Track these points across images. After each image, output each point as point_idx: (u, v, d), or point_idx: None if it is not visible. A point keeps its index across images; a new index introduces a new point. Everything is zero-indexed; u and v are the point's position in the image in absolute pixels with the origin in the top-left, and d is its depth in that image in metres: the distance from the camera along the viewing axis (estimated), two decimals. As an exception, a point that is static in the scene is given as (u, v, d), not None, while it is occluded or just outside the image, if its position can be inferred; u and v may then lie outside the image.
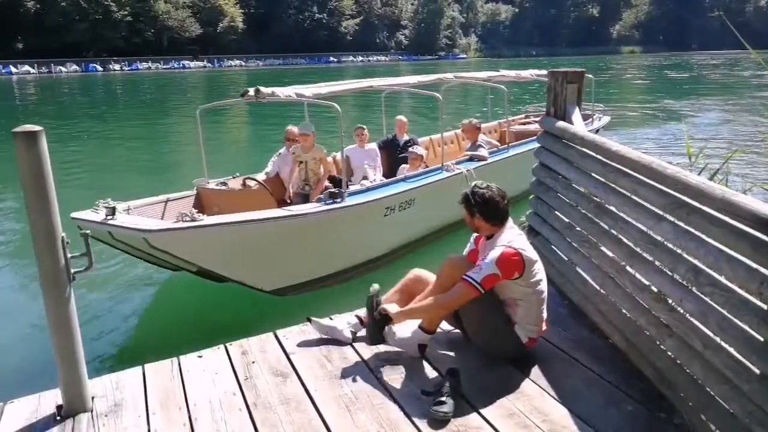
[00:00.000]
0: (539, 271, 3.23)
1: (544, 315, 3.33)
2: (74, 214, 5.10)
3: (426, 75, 8.58)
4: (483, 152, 8.15)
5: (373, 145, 8.23)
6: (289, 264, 5.78)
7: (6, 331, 5.54)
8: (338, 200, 5.94)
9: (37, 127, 2.63)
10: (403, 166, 7.72)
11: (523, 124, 11.88)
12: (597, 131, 9.90)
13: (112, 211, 5.06)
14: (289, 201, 6.91)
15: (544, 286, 3.27)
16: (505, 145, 8.99)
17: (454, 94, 25.46)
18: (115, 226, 4.94)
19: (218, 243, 5.21)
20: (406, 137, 8.46)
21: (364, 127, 8.16)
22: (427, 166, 7.68)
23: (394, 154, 8.32)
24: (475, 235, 3.50)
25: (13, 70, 57.52)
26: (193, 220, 5.06)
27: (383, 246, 6.78)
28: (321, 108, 6.88)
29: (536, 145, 8.53)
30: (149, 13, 70.14)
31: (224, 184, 6.72)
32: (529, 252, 3.20)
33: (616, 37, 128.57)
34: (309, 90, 6.38)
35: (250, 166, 8.24)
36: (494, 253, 3.11)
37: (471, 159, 8.03)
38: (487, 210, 3.24)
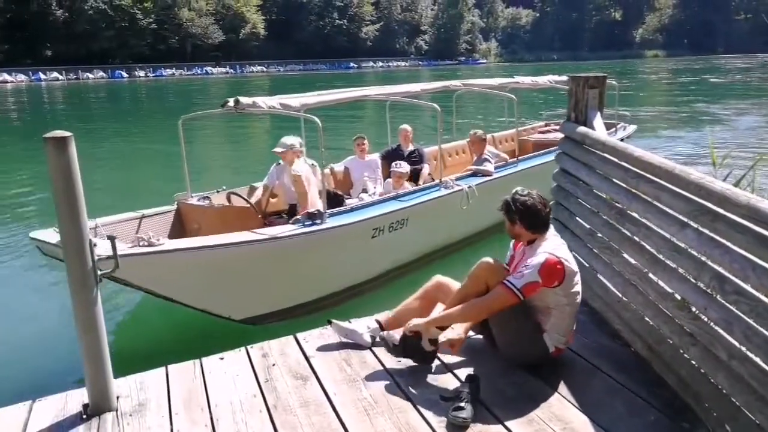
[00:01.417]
0: (577, 284, 3.20)
1: (573, 327, 3.32)
2: (33, 234, 4.98)
3: (430, 83, 8.19)
4: (488, 167, 7.69)
5: (374, 156, 7.89)
6: (261, 291, 5.37)
7: (35, 331, 5.65)
8: (318, 222, 5.51)
9: (66, 133, 2.69)
10: (388, 180, 7.34)
11: (543, 132, 11.47)
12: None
13: None
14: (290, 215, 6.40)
15: (579, 297, 3.25)
16: (514, 159, 8.44)
17: (471, 100, 25.18)
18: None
19: (178, 270, 4.79)
20: (411, 147, 8.05)
21: (364, 137, 7.79)
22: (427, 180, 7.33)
23: None
24: (513, 240, 3.48)
25: (42, 76, 58.63)
26: (150, 245, 4.69)
27: (372, 270, 6.27)
28: (332, 114, 6.82)
29: (549, 158, 8.23)
30: (173, 21, 71.08)
31: (207, 198, 6.31)
32: (572, 263, 3.18)
33: (639, 41, 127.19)
34: (297, 100, 5.93)
35: (247, 177, 7.64)
36: (537, 260, 3.07)
37: (475, 174, 7.58)
38: (528, 217, 3.20)
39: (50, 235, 4.83)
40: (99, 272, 2.84)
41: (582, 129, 4.12)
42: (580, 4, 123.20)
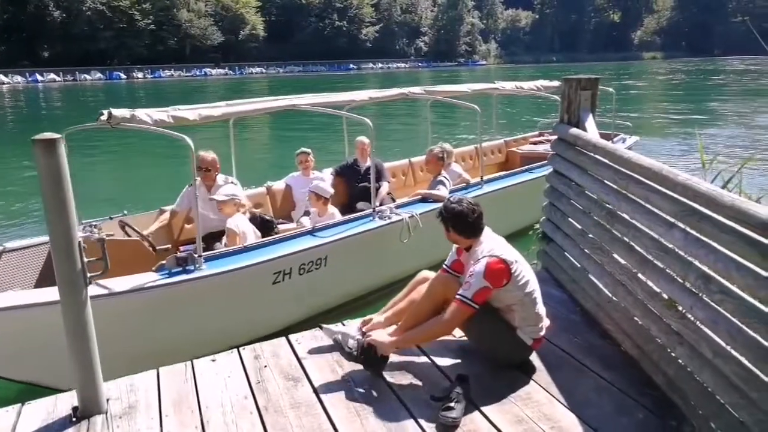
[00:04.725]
0: (525, 272, 3.23)
1: (542, 311, 3.32)
2: None
3: (383, 90, 7.22)
4: (442, 191, 6.43)
5: (321, 173, 7.02)
6: (112, 356, 3.66)
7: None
8: (190, 268, 4.46)
9: (55, 135, 2.70)
10: (314, 209, 5.98)
11: (536, 142, 10.38)
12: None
13: None
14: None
15: (533, 284, 3.26)
16: (478, 178, 7.11)
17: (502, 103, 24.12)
18: None
19: None
20: (368, 162, 6.77)
21: (309, 151, 6.86)
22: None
23: (352, 183, 6.91)
24: (456, 246, 3.49)
25: (39, 78, 58.62)
26: None
27: (276, 320, 5.11)
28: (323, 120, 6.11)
29: (524, 178, 7.38)
30: (172, 22, 71.02)
31: (94, 228, 5.14)
32: (510, 254, 3.21)
33: (638, 42, 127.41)
34: (194, 112, 4.94)
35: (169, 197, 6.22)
36: (480, 267, 3.12)
37: (424, 199, 6.38)
38: (458, 224, 3.28)
39: None
40: (88, 275, 2.85)
41: (574, 130, 4.15)
42: (579, 6, 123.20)
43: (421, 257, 5.54)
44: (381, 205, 6.24)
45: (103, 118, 4.41)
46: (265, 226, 5.66)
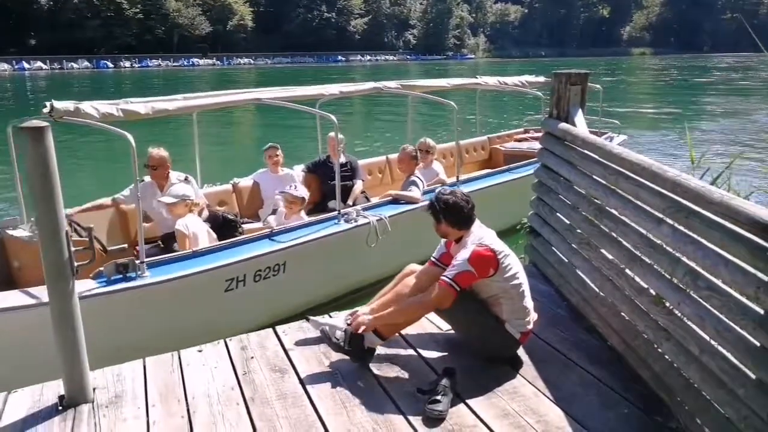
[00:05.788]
0: (513, 264, 3.24)
1: (530, 305, 3.33)
2: None
3: (356, 84, 6.86)
4: (414, 192, 6.08)
5: (291, 170, 6.73)
6: (39, 366, 3.33)
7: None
8: (131, 275, 4.11)
9: (44, 123, 2.67)
10: (281, 210, 5.69)
11: (520, 140, 9.85)
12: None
13: None
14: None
15: (522, 277, 3.27)
16: (454, 179, 6.75)
17: (491, 97, 23.66)
18: None
19: None
20: (342, 159, 6.40)
21: (278, 146, 6.52)
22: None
23: (325, 181, 6.54)
24: (444, 239, 3.49)
25: (26, 66, 57.99)
26: None
27: (228, 332, 4.16)
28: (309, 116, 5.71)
29: (504, 179, 7.11)
30: (160, 11, 70.41)
31: None
32: (500, 246, 3.22)
33: (627, 38, 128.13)
34: (147, 105, 4.63)
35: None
36: (466, 252, 3.14)
37: (395, 200, 6.07)
38: (452, 216, 3.27)
39: None
40: (75, 264, 2.82)
41: (563, 125, 4.16)
42: (568, 1, 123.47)
43: (390, 262, 4.92)
44: (354, 204, 6.02)
45: (45, 110, 4.08)
46: (228, 226, 5.34)
